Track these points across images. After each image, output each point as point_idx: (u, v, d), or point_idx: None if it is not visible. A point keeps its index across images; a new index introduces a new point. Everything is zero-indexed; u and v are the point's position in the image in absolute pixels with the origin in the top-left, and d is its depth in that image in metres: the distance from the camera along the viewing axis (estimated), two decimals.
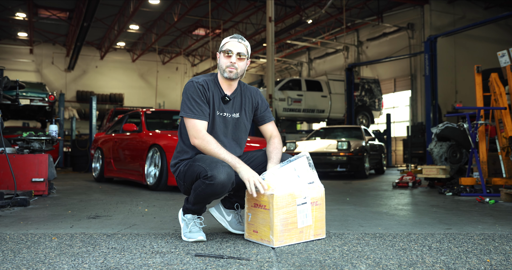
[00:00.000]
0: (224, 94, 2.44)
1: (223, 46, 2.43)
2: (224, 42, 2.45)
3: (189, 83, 2.40)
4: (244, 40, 2.44)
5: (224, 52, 2.40)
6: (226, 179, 2.16)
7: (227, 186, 2.19)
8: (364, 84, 15.20)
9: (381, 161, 10.15)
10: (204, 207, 2.40)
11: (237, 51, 2.39)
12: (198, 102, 2.35)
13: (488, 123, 5.52)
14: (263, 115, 2.59)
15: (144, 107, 17.07)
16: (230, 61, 2.38)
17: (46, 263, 1.86)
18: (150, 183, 5.58)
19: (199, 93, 2.36)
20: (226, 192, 2.25)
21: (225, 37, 21.10)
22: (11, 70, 20.75)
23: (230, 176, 2.19)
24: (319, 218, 2.34)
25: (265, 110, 2.60)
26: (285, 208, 2.21)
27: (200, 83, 2.38)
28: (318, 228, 2.33)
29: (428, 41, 10.00)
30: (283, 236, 2.20)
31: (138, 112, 6.99)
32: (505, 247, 2.23)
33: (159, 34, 19.68)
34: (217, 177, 2.15)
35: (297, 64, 24.62)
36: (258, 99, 2.58)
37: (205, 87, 2.39)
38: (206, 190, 2.21)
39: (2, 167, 4.41)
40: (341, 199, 4.70)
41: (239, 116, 2.50)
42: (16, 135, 9.43)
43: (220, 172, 2.15)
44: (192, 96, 2.36)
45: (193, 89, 2.37)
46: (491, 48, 13.71)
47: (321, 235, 2.35)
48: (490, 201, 4.26)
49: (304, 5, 15.64)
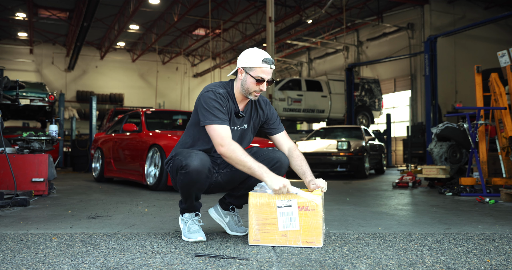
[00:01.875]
0: (238, 110, 2.39)
1: (253, 68, 2.28)
2: (254, 64, 2.28)
3: (209, 92, 2.30)
4: (273, 64, 2.33)
5: (256, 79, 2.28)
6: (199, 165, 2.17)
7: (202, 172, 2.19)
8: (364, 84, 15.20)
9: (381, 161, 10.15)
10: (196, 202, 2.38)
11: (268, 78, 2.29)
12: (220, 110, 2.27)
13: (488, 123, 5.52)
14: (272, 127, 2.54)
15: (144, 107, 17.07)
16: (260, 88, 2.30)
17: (46, 263, 1.86)
18: (150, 183, 5.58)
19: (221, 103, 2.29)
20: (203, 179, 2.23)
21: (225, 37, 21.36)
22: (11, 70, 20.74)
23: (204, 162, 2.19)
24: (310, 225, 2.17)
25: (274, 122, 2.54)
26: (262, 208, 2.21)
27: (221, 94, 2.31)
28: (308, 235, 2.17)
29: (428, 41, 10.00)
30: (259, 235, 2.21)
31: (138, 112, 6.99)
32: (505, 247, 2.23)
33: (159, 34, 19.68)
34: (190, 165, 2.17)
35: (297, 64, 24.62)
36: (267, 112, 2.52)
37: (225, 99, 2.32)
38: (184, 180, 2.23)
39: (2, 167, 4.41)
40: (341, 199, 4.70)
41: (246, 127, 2.48)
42: (16, 135, 9.42)
43: (193, 160, 2.17)
44: (213, 105, 2.26)
45: (215, 98, 2.28)
46: (491, 48, 13.71)
47: (313, 243, 2.16)
48: (490, 201, 4.26)
49: (304, 5, 15.65)
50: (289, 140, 2.54)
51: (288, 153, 2.47)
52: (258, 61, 2.27)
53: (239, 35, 20.33)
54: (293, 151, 2.47)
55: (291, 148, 2.49)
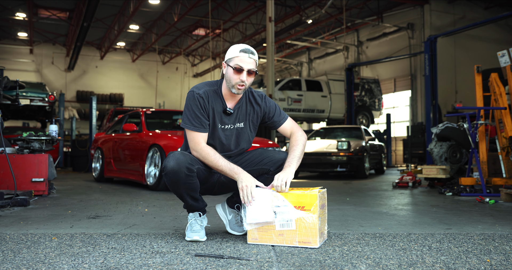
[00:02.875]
0: (225, 107, 2.37)
1: (232, 59, 2.30)
2: (233, 55, 2.30)
3: (190, 93, 2.34)
4: (254, 54, 2.31)
5: (234, 68, 2.27)
6: (175, 165, 2.19)
7: (179, 172, 2.20)
8: (364, 84, 15.20)
9: (381, 161, 10.15)
10: (195, 202, 2.37)
11: (248, 68, 2.28)
12: (197, 115, 2.31)
13: (488, 123, 5.52)
14: (274, 120, 2.51)
15: (144, 107, 17.06)
16: (240, 78, 2.27)
17: (46, 263, 1.86)
18: (150, 183, 5.58)
19: (199, 105, 2.31)
20: (184, 178, 2.23)
21: (225, 37, 21.36)
22: (11, 70, 20.75)
23: (180, 161, 2.20)
24: (306, 225, 2.16)
25: (275, 114, 2.51)
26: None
27: (200, 95, 2.31)
28: (304, 235, 2.16)
29: (428, 41, 10.00)
30: (257, 234, 2.23)
31: (138, 112, 6.99)
32: (505, 247, 2.23)
33: (159, 34, 19.68)
34: (167, 166, 2.21)
35: (297, 64, 24.62)
36: (264, 106, 2.48)
37: (204, 100, 2.32)
38: (167, 181, 2.28)
39: (2, 167, 4.41)
40: (341, 199, 4.70)
41: (243, 125, 2.45)
42: (16, 135, 9.42)
43: (169, 161, 2.22)
44: (191, 107, 2.31)
45: (193, 100, 2.31)
46: (491, 48, 13.71)
47: (310, 243, 2.15)
48: (490, 201, 4.26)
49: (304, 5, 15.65)
50: (295, 126, 2.53)
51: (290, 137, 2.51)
52: (236, 52, 2.30)
53: (239, 35, 20.33)
54: (293, 135, 2.48)
55: (292, 132, 2.50)
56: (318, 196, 2.17)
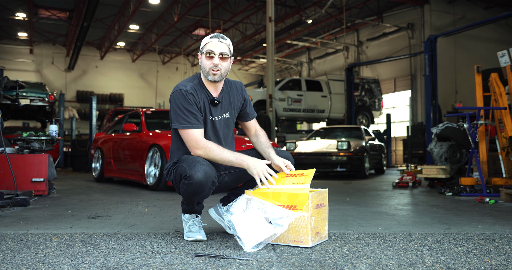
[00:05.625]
0: (212, 97, 2.38)
1: (203, 47, 2.33)
2: (204, 43, 2.34)
3: (177, 92, 2.31)
4: (225, 39, 2.34)
5: (206, 53, 2.31)
6: (203, 177, 2.15)
7: (205, 185, 2.18)
8: (364, 84, 15.20)
9: (381, 161, 10.15)
10: (197, 206, 2.38)
11: (219, 51, 2.29)
12: (191, 111, 2.29)
13: (488, 123, 5.52)
14: (248, 112, 2.56)
15: (144, 107, 17.07)
16: (212, 62, 2.29)
17: (46, 263, 1.86)
18: (150, 183, 5.58)
19: (190, 101, 2.30)
20: (206, 191, 2.22)
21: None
22: (11, 70, 20.74)
23: (208, 174, 2.16)
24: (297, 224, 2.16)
25: (250, 106, 2.56)
26: None
27: (189, 91, 2.31)
28: (296, 234, 2.18)
29: (428, 41, 10.00)
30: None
31: (138, 112, 6.99)
32: (505, 247, 2.23)
33: (159, 34, 19.68)
34: (194, 177, 2.15)
35: (297, 64, 24.62)
36: (244, 95, 2.53)
37: (194, 95, 2.32)
38: (187, 190, 2.22)
39: (2, 167, 4.41)
40: (341, 199, 4.70)
41: (229, 116, 2.47)
42: (16, 135, 9.42)
43: (197, 171, 2.15)
44: (183, 105, 2.29)
45: (182, 98, 2.29)
46: (491, 48, 13.72)
47: (302, 243, 2.16)
48: (490, 201, 4.26)
49: (304, 5, 15.65)
50: (257, 124, 2.60)
51: (255, 135, 2.54)
52: (206, 39, 2.35)
53: (239, 35, 20.33)
54: (260, 136, 2.52)
55: (257, 130, 2.55)
56: (310, 195, 2.16)
